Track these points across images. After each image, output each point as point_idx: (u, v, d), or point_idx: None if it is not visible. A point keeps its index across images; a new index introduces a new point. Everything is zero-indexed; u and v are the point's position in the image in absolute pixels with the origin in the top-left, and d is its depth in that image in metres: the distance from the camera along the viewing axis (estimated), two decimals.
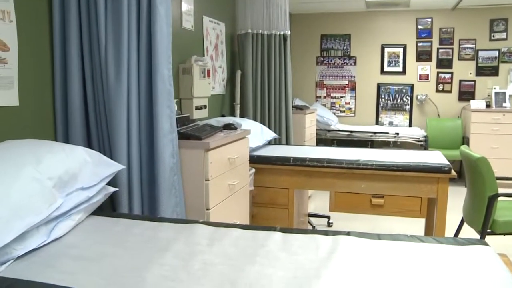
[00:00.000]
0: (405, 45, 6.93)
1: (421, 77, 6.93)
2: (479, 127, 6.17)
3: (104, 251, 1.62)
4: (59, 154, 1.82)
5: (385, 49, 7.02)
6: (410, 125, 7.05)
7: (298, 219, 3.83)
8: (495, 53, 6.63)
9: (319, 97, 7.35)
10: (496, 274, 1.42)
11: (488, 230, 3.03)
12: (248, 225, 1.93)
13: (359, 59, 7.16)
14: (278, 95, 4.72)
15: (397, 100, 7.06)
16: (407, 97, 7.01)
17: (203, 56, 4.09)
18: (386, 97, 7.09)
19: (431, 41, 6.83)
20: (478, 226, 3.05)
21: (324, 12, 7.14)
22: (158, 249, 1.63)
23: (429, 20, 6.80)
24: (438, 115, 6.88)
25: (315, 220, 4.70)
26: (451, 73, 6.81)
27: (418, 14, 6.84)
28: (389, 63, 7.02)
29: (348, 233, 1.78)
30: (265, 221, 3.53)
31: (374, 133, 6.48)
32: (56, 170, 1.74)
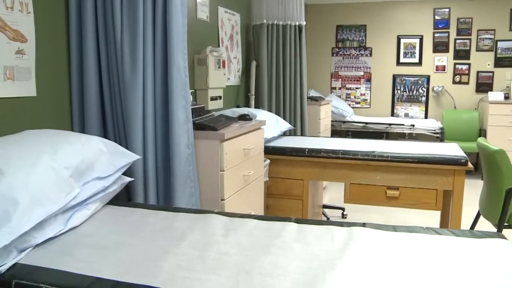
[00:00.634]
0: (422, 36, 6.84)
1: (437, 68, 6.84)
2: (497, 119, 6.08)
3: (120, 240, 1.63)
4: (76, 144, 1.84)
5: (401, 40, 6.93)
6: (426, 117, 6.97)
7: (313, 211, 3.83)
8: None
9: (334, 88, 7.30)
10: None
11: (505, 224, 3.00)
12: (263, 215, 1.93)
13: (374, 50, 7.08)
14: (293, 86, 4.70)
15: (413, 92, 6.98)
16: (423, 88, 6.93)
17: (218, 47, 4.09)
18: (402, 89, 7.02)
19: (448, 32, 6.73)
20: (495, 220, 3.02)
21: (339, 2, 7.08)
22: (174, 239, 1.65)
23: (446, 10, 6.70)
24: (455, 107, 6.80)
25: (329, 212, 4.69)
26: (469, 64, 6.70)
27: (435, 4, 6.74)
28: (405, 54, 6.94)
29: (363, 225, 1.77)
30: (279, 212, 3.53)
31: (390, 124, 6.43)
32: (72, 160, 1.76)
